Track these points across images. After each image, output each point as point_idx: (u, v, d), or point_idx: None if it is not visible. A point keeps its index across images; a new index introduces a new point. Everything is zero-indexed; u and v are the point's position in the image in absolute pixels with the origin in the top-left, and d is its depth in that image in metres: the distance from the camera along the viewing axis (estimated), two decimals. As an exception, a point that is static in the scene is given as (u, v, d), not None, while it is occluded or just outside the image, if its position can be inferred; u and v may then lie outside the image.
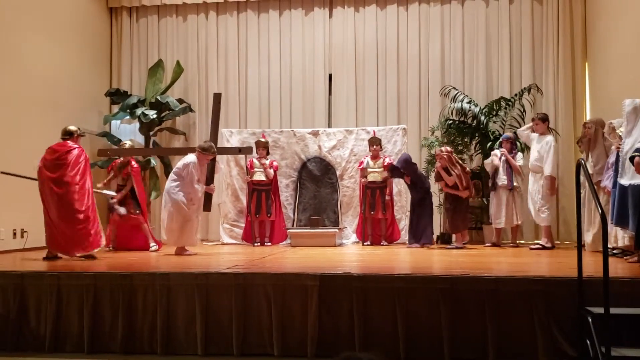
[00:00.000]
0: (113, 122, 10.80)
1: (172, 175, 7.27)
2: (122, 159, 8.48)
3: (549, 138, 8.00)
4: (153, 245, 8.06)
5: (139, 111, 9.93)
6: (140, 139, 10.46)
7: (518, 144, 8.89)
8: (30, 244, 8.42)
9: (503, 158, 8.43)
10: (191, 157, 7.26)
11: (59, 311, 5.01)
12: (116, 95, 10.39)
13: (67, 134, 6.95)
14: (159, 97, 10.14)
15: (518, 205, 8.44)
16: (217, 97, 8.23)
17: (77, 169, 6.65)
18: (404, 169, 8.56)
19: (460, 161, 8.53)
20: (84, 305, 4.96)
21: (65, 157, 6.69)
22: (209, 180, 7.68)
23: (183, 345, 4.84)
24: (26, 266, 5.91)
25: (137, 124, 10.27)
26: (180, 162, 7.36)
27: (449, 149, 8.51)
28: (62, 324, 5.00)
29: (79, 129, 7.15)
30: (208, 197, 7.46)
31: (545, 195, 7.90)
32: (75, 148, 6.80)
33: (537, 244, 7.95)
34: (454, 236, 8.72)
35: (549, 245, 7.83)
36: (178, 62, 10.61)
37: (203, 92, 10.99)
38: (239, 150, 8.97)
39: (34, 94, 8.84)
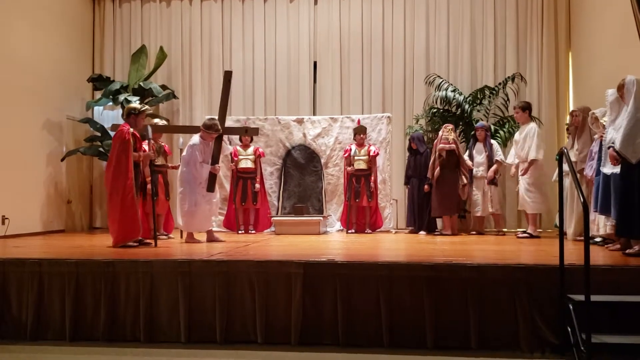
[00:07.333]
0: (96, 108, 10.68)
1: (182, 160, 7.19)
2: (162, 143, 8.34)
3: (531, 125, 7.89)
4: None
5: (121, 97, 9.82)
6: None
7: (501, 132, 8.88)
8: (11, 231, 8.34)
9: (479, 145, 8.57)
10: (194, 139, 7.15)
11: (40, 299, 4.96)
12: (99, 81, 10.25)
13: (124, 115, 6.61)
14: (142, 84, 10.04)
15: (494, 194, 8.57)
16: (228, 75, 7.69)
17: (112, 153, 6.38)
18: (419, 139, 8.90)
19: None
20: (65, 292, 4.91)
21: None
22: (215, 159, 7.42)
23: (166, 333, 4.82)
24: (7, 253, 5.83)
25: (120, 111, 10.15)
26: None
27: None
28: (44, 312, 4.96)
29: (133, 106, 6.61)
30: (212, 177, 7.25)
31: (530, 179, 7.83)
32: (118, 131, 6.43)
33: (525, 232, 7.96)
34: (439, 222, 8.82)
35: (536, 233, 7.83)
36: (161, 48, 10.52)
37: (187, 79, 10.91)
38: (245, 131, 8.71)
39: (15, 80, 8.69)
